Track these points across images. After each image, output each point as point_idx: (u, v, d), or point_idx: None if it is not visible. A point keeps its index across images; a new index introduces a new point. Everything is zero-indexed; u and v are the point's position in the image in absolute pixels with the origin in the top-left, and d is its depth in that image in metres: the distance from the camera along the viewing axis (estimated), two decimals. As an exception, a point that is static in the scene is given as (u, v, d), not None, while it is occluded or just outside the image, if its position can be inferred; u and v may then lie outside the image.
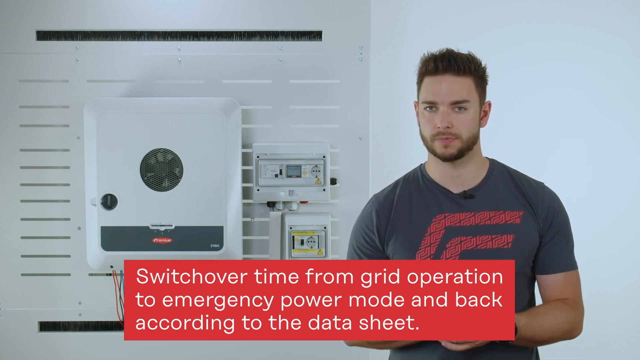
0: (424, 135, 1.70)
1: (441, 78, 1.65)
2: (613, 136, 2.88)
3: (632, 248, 2.89)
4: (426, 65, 1.67)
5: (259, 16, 2.51)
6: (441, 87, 1.64)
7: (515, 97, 2.80)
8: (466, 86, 1.65)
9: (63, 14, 2.50)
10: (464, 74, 1.65)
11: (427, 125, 1.67)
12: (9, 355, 2.55)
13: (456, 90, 1.64)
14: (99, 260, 2.40)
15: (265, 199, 2.48)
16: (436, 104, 1.65)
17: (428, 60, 1.67)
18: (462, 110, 1.65)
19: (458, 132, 1.65)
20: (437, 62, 1.65)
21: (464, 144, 1.66)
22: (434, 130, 1.65)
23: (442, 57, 1.66)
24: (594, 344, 2.67)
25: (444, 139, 1.65)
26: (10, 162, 2.52)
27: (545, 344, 1.71)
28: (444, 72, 1.64)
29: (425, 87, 1.67)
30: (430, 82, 1.66)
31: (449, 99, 1.64)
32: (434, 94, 1.65)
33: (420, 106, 1.69)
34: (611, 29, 2.84)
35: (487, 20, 2.83)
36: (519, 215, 1.71)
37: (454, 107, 1.64)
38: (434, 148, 1.67)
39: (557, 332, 1.68)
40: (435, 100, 1.65)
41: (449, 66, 1.64)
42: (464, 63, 1.65)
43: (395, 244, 1.73)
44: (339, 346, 1.89)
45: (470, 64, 1.66)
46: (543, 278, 1.73)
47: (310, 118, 2.52)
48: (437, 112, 1.65)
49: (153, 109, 2.38)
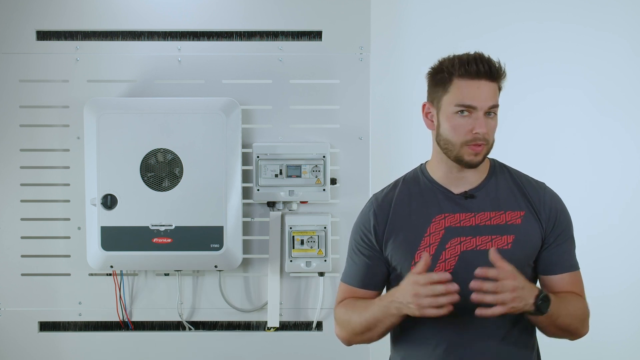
0: (451, 139, 1.64)
1: (479, 83, 1.61)
2: (613, 136, 2.87)
3: (632, 248, 2.88)
4: (464, 67, 1.61)
5: (259, 16, 2.52)
6: (480, 92, 1.61)
7: (515, 97, 2.79)
8: (496, 91, 1.65)
9: (63, 14, 2.50)
10: (496, 80, 1.64)
11: (459, 130, 1.63)
12: (9, 355, 2.55)
13: (492, 95, 1.63)
14: (99, 260, 2.40)
15: (265, 199, 2.48)
16: (475, 109, 1.61)
17: (465, 63, 1.62)
18: (491, 115, 1.64)
19: (489, 138, 1.64)
20: (478, 65, 1.61)
21: (488, 150, 1.66)
22: (469, 135, 1.62)
23: (482, 61, 1.62)
24: (594, 344, 2.66)
25: (477, 145, 1.62)
26: (10, 162, 2.52)
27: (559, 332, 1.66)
28: (481, 77, 1.61)
29: (460, 90, 1.62)
30: (467, 85, 1.62)
31: (488, 104, 1.62)
32: (473, 99, 1.61)
33: (450, 108, 1.64)
34: (611, 29, 2.83)
35: (487, 20, 2.82)
36: (520, 215, 1.70)
37: (487, 112, 1.63)
38: (462, 154, 1.64)
39: (575, 320, 1.66)
40: (474, 105, 1.61)
41: (487, 71, 1.61)
42: (498, 69, 1.63)
43: (394, 244, 1.72)
44: (339, 346, 1.89)
45: (501, 70, 1.64)
46: (548, 279, 1.72)
47: (310, 118, 2.52)
48: (470, 117, 1.62)
49: (153, 109, 2.38)
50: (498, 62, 1.64)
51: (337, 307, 1.78)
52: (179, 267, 2.43)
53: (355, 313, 1.70)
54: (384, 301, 1.64)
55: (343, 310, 1.75)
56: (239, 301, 2.55)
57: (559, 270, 1.71)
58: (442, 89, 1.66)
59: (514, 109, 2.79)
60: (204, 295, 2.54)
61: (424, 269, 1.54)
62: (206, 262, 2.40)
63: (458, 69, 1.62)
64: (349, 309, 1.73)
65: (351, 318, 1.71)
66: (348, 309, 1.73)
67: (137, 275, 2.54)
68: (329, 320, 2.53)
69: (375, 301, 1.68)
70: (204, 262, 2.41)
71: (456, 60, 1.63)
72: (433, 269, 1.66)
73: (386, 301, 1.63)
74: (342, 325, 1.75)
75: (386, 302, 1.62)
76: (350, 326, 1.72)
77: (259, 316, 2.55)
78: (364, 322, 1.67)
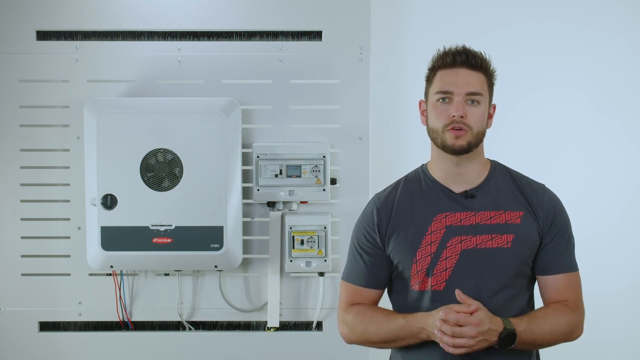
0: (434, 127, 1.70)
1: (457, 70, 1.68)
2: (613, 136, 2.87)
3: (632, 248, 2.88)
4: (442, 59, 1.70)
5: (259, 16, 2.52)
6: (457, 78, 1.67)
7: (515, 97, 2.79)
8: (480, 80, 1.69)
9: (63, 14, 2.50)
10: (479, 70, 1.69)
11: (440, 117, 1.68)
12: (9, 355, 2.55)
13: (472, 82, 1.68)
14: (99, 260, 2.40)
15: (265, 199, 2.48)
16: (452, 94, 1.67)
17: (444, 55, 1.70)
18: (474, 103, 1.68)
19: (470, 123, 1.67)
20: (455, 55, 1.68)
21: (474, 137, 1.68)
22: (447, 120, 1.67)
23: (459, 52, 1.69)
24: (594, 345, 2.66)
25: (456, 129, 1.66)
26: (10, 162, 2.52)
27: (546, 347, 1.72)
28: (460, 66, 1.68)
29: (440, 79, 1.69)
30: (446, 74, 1.69)
31: (465, 90, 1.67)
32: (450, 84, 1.67)
33: (433, 97, 1.70)
34: (611, 29, 2.83)
35: (487, 20, 2.82)
36: (519, 215, 1.71)
37: (467, 99, 1.67)
38: (445, 139, 1.68)
39: (558, 334, 1.69)
40: (451, 90, 1.67)
41: (466, 60, 1.68)
42: (479, 59, 1.69)
43: (395, 243, 1.73)
44: (339, 346, 1.89)
45: (484, 61, 1.70)
46: (543, 279, 1.74)
47: (310, 118, 2.52)
48: (450, 103, 1.67)
49: (153, 109, 2.38)
50: (480, 53, 1.71)
51: (348, 312, 1.77)
52: (179, 267, 2.43)
53: (373, 324, 1.72)
54: (412, 325, 1.67)
55: (358, 319, 1.75)
56: (239, 301, 2.55)
57: (554, 271, 1.72)
58: (429, 83, 1.74)
59: (514, 109, 2.80)
60: (204, 295, 2.54)
61: (462, 309, 1.60)
62: (206, 262, 2.40)
63: (439, 60, 1.71)
64: (365, 318, 1.74)
65: (368, 328, 1.73)
66: (364, 318, 1.74)
67: (137, 275, 2.54)
68: (329, 320, 2.53)
69: (398, 319, 1.70)
70: (204, 262, 2.41)
71: (439, 54, 1.72)
72: (434, 267, 1.69)
73: (415, 327, 1.66)
74: (355, 332, 1.76)
75: (416, 327, 1.66)
76: (366, 335, 1.74)
77: (259, 316, 2.55)
78: (383, 335, 1.71)
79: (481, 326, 1.57)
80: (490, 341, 1.59)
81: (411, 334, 1.68)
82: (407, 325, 1.67)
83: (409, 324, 1.67)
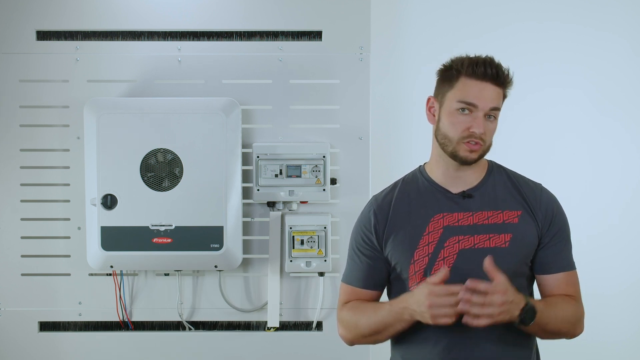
0: (448, 135, 1.68)
1: (484, 84, 1.66)
2: (613, 136, 2.87)
3: (632, 248, 2.88)
4: (472, 67, 1.66)
5: (259, 16, 2.52)
6: (484, 93, 1.65)
7: (515, 97, 2.79)
8: (500, 95, 1.69)
9: (63, 14, 2.50)
10: (501, 86, 1.68)
11: (458, 127, 1.66)
12: (9, 355, 2.55)
13: (494, 98, 1.67)
14: (99, 260, 2.40)
15: (265, 199, 2.48)
16: (476, 108, 1.65)
17: (475, 64, 1.66)
18: (491, 118, 1.68)
19: (485, 138, 1.67)
20: (486, 68, 1.65)
21: (485, 150, 1.69)
22: (466, 132, 1.65)
23: (491, 65, 1.66)
24: (594, 344, 2.67)
25: (473, 143, 1.66)
26: (10, 162, 2.52)
27: (551, 336, 1.70)
28: (487, 80, 1.66)
29: (465, 88, 1.66)
30: (472, 85, 1.66)
31: (490, 105, 1.66)
32: (475, 97, 1.65)
33: (452, 104, 1.67)
34: (611, 29, 2.83)
35: (486, 20, 2.82)
36: (517, 215, 1.72)
37: (487, 113, 1.66)
38: (457, 150, 1.67)
39: (566, 323, 1.69)
40: (477, 104, 1.65)
41: (494, 75, 1.66)
42: (505, 76, 1.68)
43: (393, 244, 1.73)
44: (339, 346, 1.89)
45: (508, 77, 1.69)
46: (543, 278, 1.74)
47: (310, 118, 2.52)
48: (470, 115, 1.65)
49: (153, 109, 2.38)
50: (507, 69, 1.68)
51: (342, 310, 1.79)
52: (179, 267, 2.43)
53: (364, 316, 1.72)
54: (395, 307, 1.66)
55: (350, 313, 1.76)
56: (239, 301, 2.55)
57: (554, 270, 1.73)
58: (448, 85, 1.70)
59: (514, 109, 2.78)
60: (204, 295, 2.54)
61: (441, 281, 1.57)
62: (206, 262, 2.40)
63: (467, 67, 1.67)
64: (356, 312, 1.75)
65: (359, 321, 1.73)
66: (356, 312, 1.75)
67: (137, 275, 2.54)
68: (329, 320, 2.53)
69: (384, 306, 1.70)
70: (204, 262, 2.41)
71: (466, 60, 1.68)
72: (432, 267, 1.69)
73: (398, 307, 1.65)
74: (348, 328, 1.76)
75: (398, 308, 1.65)
76: (358, 329, 1.74)
77: (259, 316, 2.55)
78: (372, 325, 1.70)
79: (507, 296, 1.54)
80: (511, 314, 1.55)
81: (397, 318, 1.65)
82: (392, 310, 1.67)
83: (393, 308, 1.67)
